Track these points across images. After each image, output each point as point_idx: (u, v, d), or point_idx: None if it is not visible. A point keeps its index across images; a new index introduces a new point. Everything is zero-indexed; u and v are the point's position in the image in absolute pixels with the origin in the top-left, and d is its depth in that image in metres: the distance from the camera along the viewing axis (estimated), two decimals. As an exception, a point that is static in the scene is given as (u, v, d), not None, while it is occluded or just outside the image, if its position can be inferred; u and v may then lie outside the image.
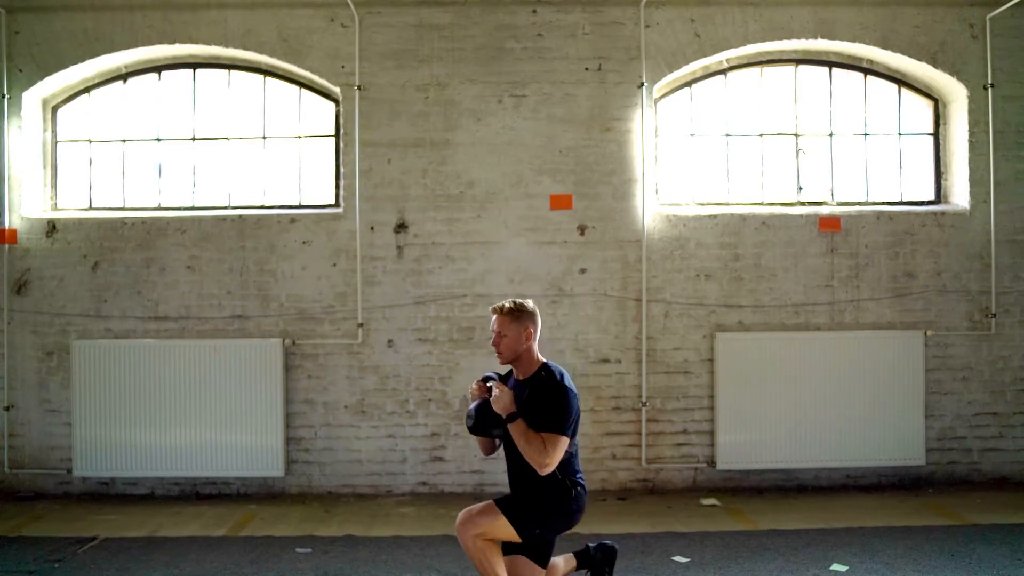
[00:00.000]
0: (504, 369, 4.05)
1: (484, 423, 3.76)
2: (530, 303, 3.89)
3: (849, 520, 5.52)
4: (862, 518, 5.57)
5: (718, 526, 5.44)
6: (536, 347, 3.87)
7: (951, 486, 6.36)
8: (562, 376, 3.77)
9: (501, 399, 3.67)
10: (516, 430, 3.65)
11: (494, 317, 3.85)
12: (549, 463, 3.61)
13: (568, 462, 3.75)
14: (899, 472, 6.41)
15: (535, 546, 3.81)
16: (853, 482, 6.42)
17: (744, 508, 5.87)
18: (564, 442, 3.65)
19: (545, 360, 3.88)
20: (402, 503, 6.13)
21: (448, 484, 6.35)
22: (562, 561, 4.05)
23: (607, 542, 4.24)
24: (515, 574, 3.76)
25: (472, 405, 3.82)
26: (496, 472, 6.13)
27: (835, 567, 4.62)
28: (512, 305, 3.83)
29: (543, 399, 3.69)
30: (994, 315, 6.42)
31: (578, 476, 3.82)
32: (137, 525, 5.58)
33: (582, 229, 6.39)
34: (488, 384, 3.82)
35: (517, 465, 3.78)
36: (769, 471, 6.37)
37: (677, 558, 4.81)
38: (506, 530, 3.67)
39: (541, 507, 3.72)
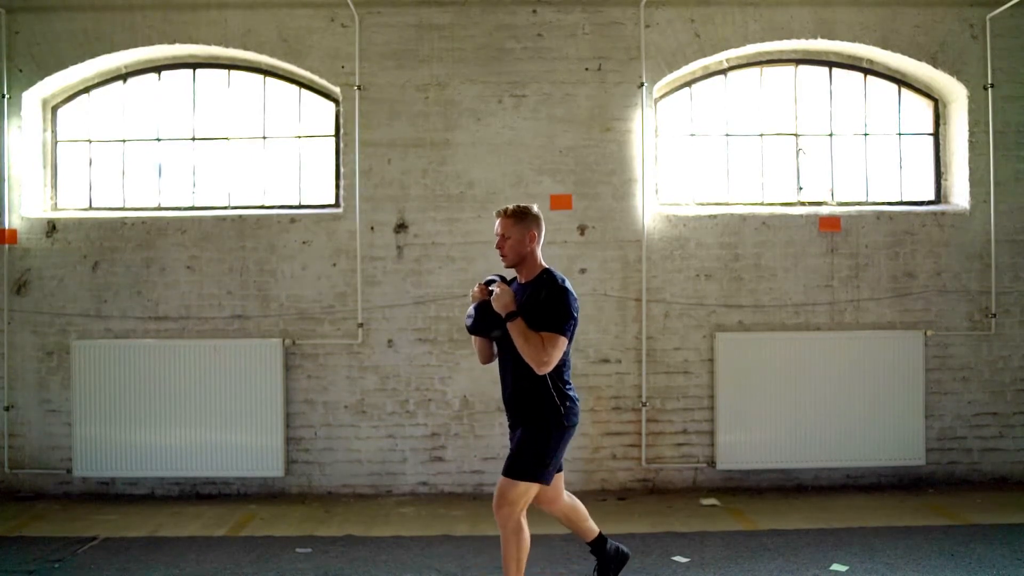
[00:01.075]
0: (508, 275, 4.04)
1: (484, 322, 3.76)
2: (535, 207, 3.91)
3: (849, 520, 5.52)
4: (862, 518, 5.57)
5: (718, 526, 5.44)
6: (539, 252, 3.89)
7: (951, 486, 6.36)
8: (563, 280, 3.79)
9: (501, 297, 3.69)
10: (515, 328, 3.66)
11: (498, 220, 3.86)
12: (547, 361, 3.63)
13: (559, 370, 3.77)
14: (899, 472, 6.41)
15: (534, 457, 3.78)
16: (853, 482, 6.42)
17: (744, 508, 5.88)
18: (562, 342, 3.67)
19: (548, 266, 3.89)
20: (402, 503, 6.13)
21: (448, 484, 6.35)
22: (589, 523, 4.14)
23: (625, 548, 4.25)
24: (503, 491, 3.74)
25: (472, 305, 3.82)
26: (496, 472, 6.12)
27: (835, 567, 4.62)
28: (516, 207, 3.86)
29: (544, 299, 3.71)
30: (994, 315, 6.42)
31: (568, 388, 3.83)
32: (137, 525, 5.58)
33: (582, 229, 6.39)
34: (489, 288, 3.82)
35: (512, 369, 3.80)
36: (769, 471, 6.37)
37: (677, 558, 4.81)
38: (527, 487, 3.70)
39: (535, 440, 3.73)
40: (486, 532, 5.33)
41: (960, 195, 6.58)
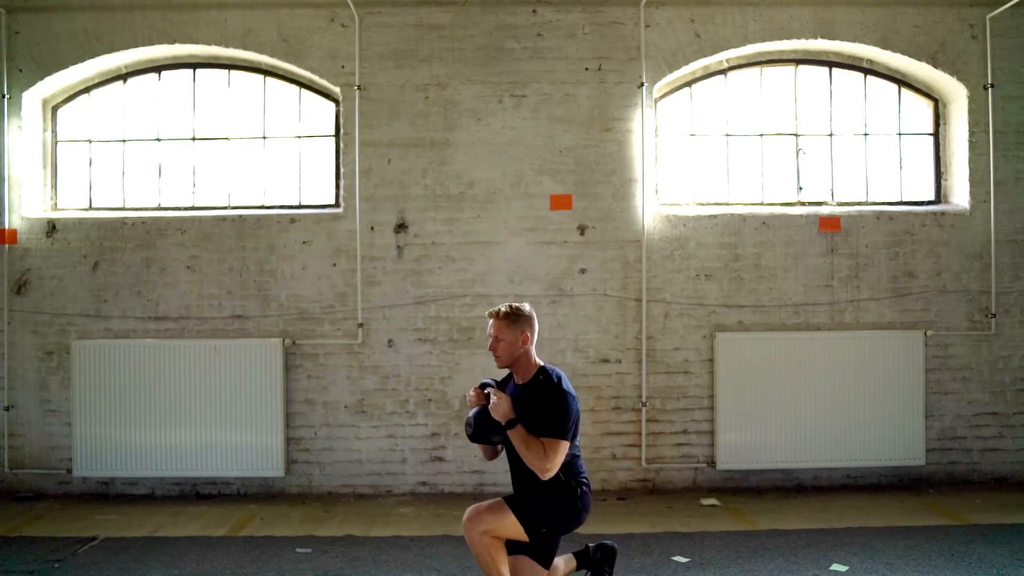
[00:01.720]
0: (502, 374, 4.04)
1: (484, 431, 3.76)
2: (527, 307, 3.89)
3: (849, 520, 5.52)
4: (862, 518, 5.57)
5: (718, 526, 5.44)
6: (534, 350, 3.88)
7: (951, 486, 6.36)
8: (560, 379, 3.77)
9: (499, 406, 3.67)
10: (516, 436, 3.65)
11: (491, 321, 3.86)
12: (550, 468, 3.62)
13: (571, 464, 3.76)
14: (899, 472, 6.41)
15: (539, 546, 3.81)
16: (853, 482, 6.42)
17: (744, 508, 5.88)
18: (564, 446, 3.65)
19: (543, 363, 3.88)
20: (402, 503, 6.13)
21: (448, 484, 6.35)
22: (562, 562, 4.06)
23: (607, 542, 4.24)
24: (518, 574, 3.76)
25: (471, 413, 3.81)
26: (496, 472, 6.13)
27: (835, 567, 4.62)
28: (508, 309, 3.84)
29: (542, 404, 3.70)
30: (994, 315, 6.42)
31: (582, 476, 3.83)
32: (137, 525, 5.58)
33: (582, 229, 6.39)
34: (486, 391, 3.82)
35: (520, 469, 3.79)
36: (769, 471, 6.37)
37: (677, 558, 4.81)
38: (514, 528, 3.68)
39: (548, 506, 3.73)
40: (486, 532, 5.32)
41: (960, 195, 6.58)
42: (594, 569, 4.16)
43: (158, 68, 6.65)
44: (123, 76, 6.65)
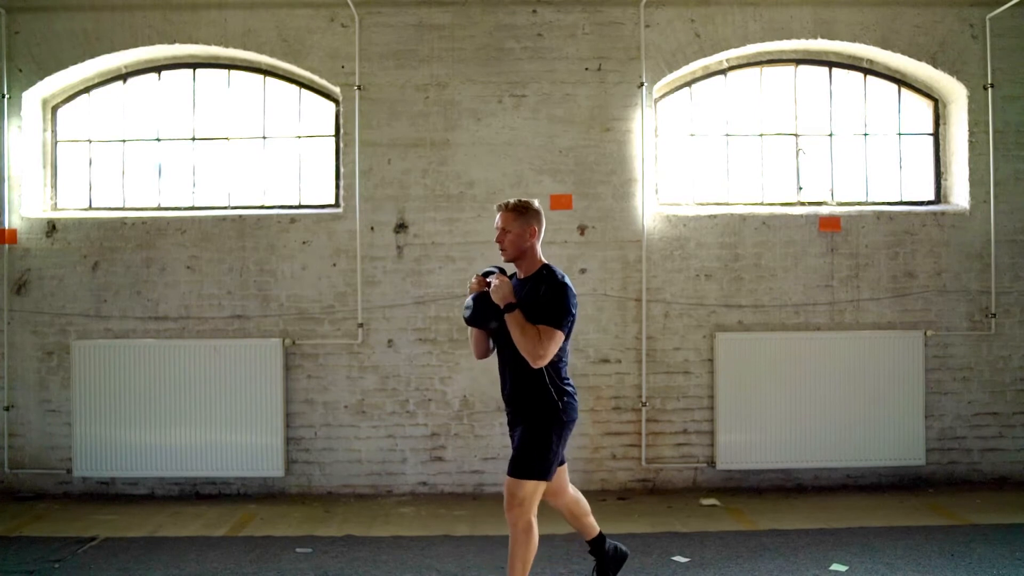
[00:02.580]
0: (508, 270, 4.03)
1: (482, 313, 3.76)
2: (535, 202, 3.91)
3: (849, 520, 5.52)
4: (862, 518, 5.57)
5: (718, 526, 5.44)
6: (539, 247, 3.89)
7: (951, 486, 6.36)
8: (563, 276, 3.79)
9: (500, 288, 3.69)
10: (513, 320, 3.66)
11: (499, 214, 3.86)
12: (543, 354, 3.63)
13: (557, 366, 3.77)
14: (899, 472, 6.41)
15: (535, 451, 3.78)
16: (853, 482, 6.42)
17: (744, 508, 5.88)
18: (559, 337, 3.67)
19: (548, 262, 3.89)
20: (402, 503, 6.13)
21: (448, 484, 6.35)
22: (590, 519, 4.14)
23: (623, 548, 4.25)
24: (512, 489, 3.74)
25: (470, 296, 3.81)
26: (496, 472, 6.14)
27: (835, 567, 4.62)
28: (517, 202, 3.86)
29: (543, 294, 3.71)
30: (994, 315, 6.42)
31: (567, 383, 3.83)
32: (137, 525, 5.58)
33: (582, 229, 6.39)
34: (487, 278, 3.82)
35: (511, 364, 3.80)
36: (769, 471, 6.37)
37: (677, 558, 4.81)
38: (534, 485, 3.69)
39: (536, 438, 3.73)
40: (486, 532, 5.33)
41: (960, 195, 6.58)
42: (601, 562, 4.18)
43: (158, 68, 6.65)
44: (123, 76, 6.65)
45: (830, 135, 6.71)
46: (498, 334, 3.83)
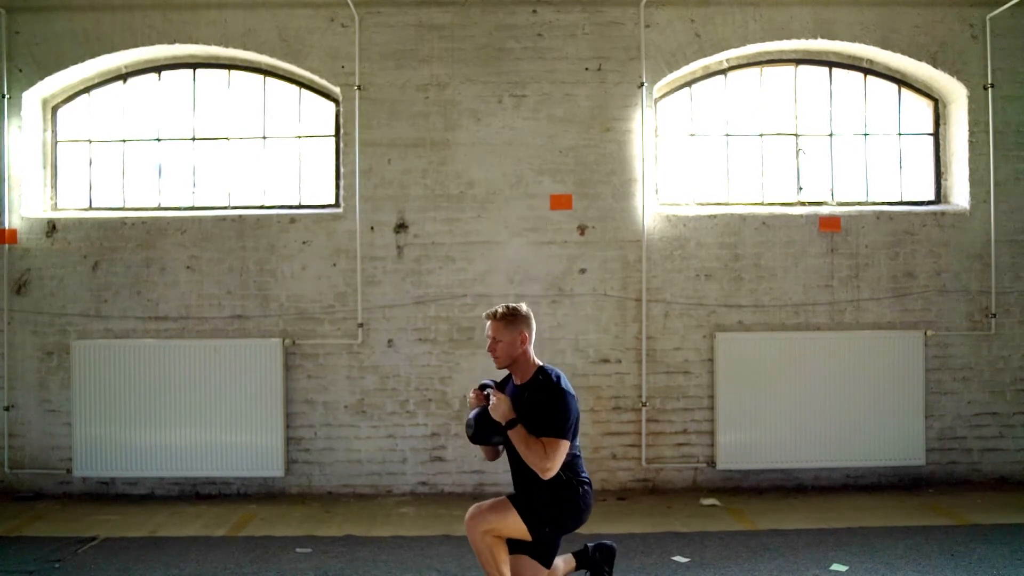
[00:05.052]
0: (501, 374, 4.05)
1: (484, 431, 3.76)
2: (523, 307, 3.90)
3: (849, 520, 5.52)
4: (862, 518, 5.57)
5: (718, 526, 5.44)
6: (532, 351, 3.88)
7: (951, 486, 6.36)
8: (559, 379, 3.78)
9: (499, 407, 3.68)
10: (516, 436, 3.66)
11: (488, 323, 3.86)
12: (550, 467, 3.62)
13: (572, 463, 3.76)
14: (899, 472, 6.41)
15: (541, 546, 3.81)
16: (853, 482, 6.42)
17: (744, 508, 5.87)
18: (564, 446, 3.66)
19: (542, 363, 3.88)
20: (402, 503, 6.13)
21: (448, 484, 6.35)
22: (562, 562, 4.06)
23: (606, 542, 4.24)
24: (519, 574, 3.76)
25: (471, 414, 3.81)
26: (496, 472, 6.13)
27: (835, 567, 4.62)
28: (505, 310, 3.84)
29: (542, 404, 3.70)
30: (994, 315, 6.42)
31: (583, 476, 3.84)
32: (137, 525, 5.57)
33: (582, 229, 6.39)
34: (485, 392, 3.82)
35: (521, 469, 3.79)
36: (769, 471, 6.37)
37: (677, 558, 4.81)
38: (517, 527, 3.69)
39: (550, 505, 3.73)
40: (486, 532, 5.32)
41: (960, 195, 6.58)
42: (593, 569, 4.16)
43: (158, 68, 6.65)
44: (123, 76, 6.65)
45: (830, 135, 6.71)
46: (506, 440, 3.80)
